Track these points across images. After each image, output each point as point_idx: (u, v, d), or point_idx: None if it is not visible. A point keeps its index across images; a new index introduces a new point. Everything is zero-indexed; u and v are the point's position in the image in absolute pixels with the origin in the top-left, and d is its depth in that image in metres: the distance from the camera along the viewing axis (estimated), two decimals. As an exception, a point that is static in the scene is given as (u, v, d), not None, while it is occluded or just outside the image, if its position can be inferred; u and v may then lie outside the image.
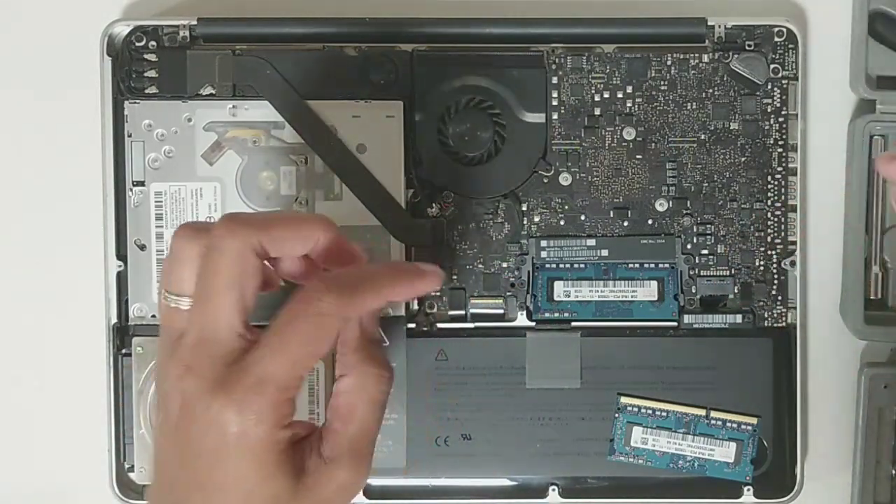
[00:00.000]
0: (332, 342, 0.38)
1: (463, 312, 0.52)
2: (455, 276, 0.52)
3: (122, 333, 0.52)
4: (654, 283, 0.52)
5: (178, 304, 0.39)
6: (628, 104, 0.52)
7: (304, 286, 0.38)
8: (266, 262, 0.39)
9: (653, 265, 0.52)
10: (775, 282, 0.52)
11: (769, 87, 0.52)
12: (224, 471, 0.37)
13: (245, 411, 0.37)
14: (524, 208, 0.52)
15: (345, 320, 0.38)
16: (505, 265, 0.52)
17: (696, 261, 0.52)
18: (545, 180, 0.52)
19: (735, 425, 0.52)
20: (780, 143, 0.52)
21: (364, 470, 0.39)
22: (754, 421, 0.52)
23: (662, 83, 0.52)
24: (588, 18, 0.52)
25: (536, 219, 0.52)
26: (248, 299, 0.38)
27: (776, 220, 0.52)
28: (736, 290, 0.52)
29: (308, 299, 0.37)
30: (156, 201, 0.51)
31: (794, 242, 0.52)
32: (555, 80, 0.52)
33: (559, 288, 0.52)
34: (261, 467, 0.37)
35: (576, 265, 0.52)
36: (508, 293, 0.52)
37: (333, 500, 0.39)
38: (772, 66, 0.51)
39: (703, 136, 0.52)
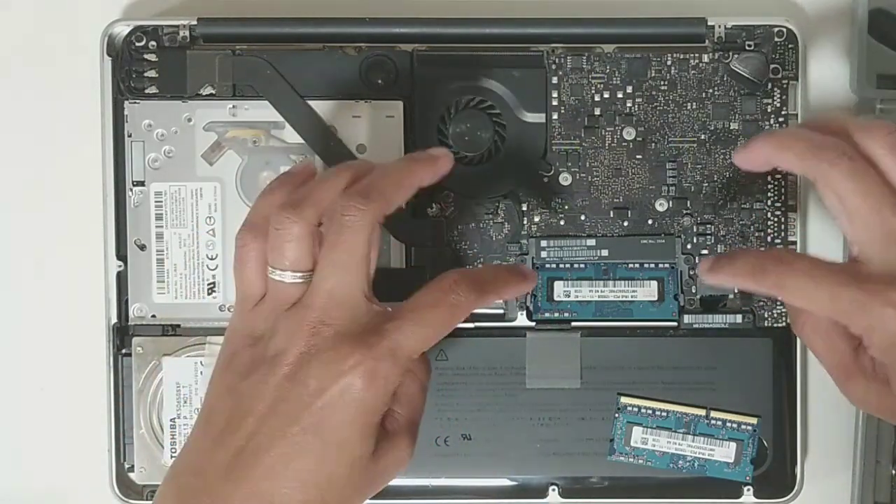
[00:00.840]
0: (453, 328, 0.42)
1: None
2: (455, 276, 0.52)
3: (122, 333, 0.52)
4: (654, 283, 0.52)
5: (293, 280, 0.42)
6: (628, 104, 0.52)
7: (444, 275, 0.42)
8: None
9: (653, 265, 0.52)
10: (775, 282, 0.52)
11: (769, 87, 0.52)
12: (332, 420, 0.40)
13: (377, 372, 0.40)
14: (524, 208, 0.52)
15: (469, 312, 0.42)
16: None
17: (696, 261, 0.52)
18: (545, 180, 0.52)
19: (735, 425, 0.52)
20: (780, 143, 0.52)
21: (412, 449, 0.43)
22: (754, 421, 0.52)
23: (662, 83, 0.52)
24: (588, 18, 0.52)
25: (536, 219, 0.52)
26: (372, 268, 0.42)
27: (776, 220, 0.52)
28: (736, 290, 0.52)
29: (448, 289, 0.41)
30: (156, 201, 0.51)
31: (794, 242, 0.52)
32: (555, 80, 0.52)
33: (559, 288, 0.52)
34: (364, 428, 0.40)
35: (576, 265, 0.52)
36: (508, 293, 0.52)
37: (388, 471, 0.42)
38: (772, 66, 0.51)
39: (703, 136, 0.52)
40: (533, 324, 0.52)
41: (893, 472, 0.52)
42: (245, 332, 0.43)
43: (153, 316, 0.51)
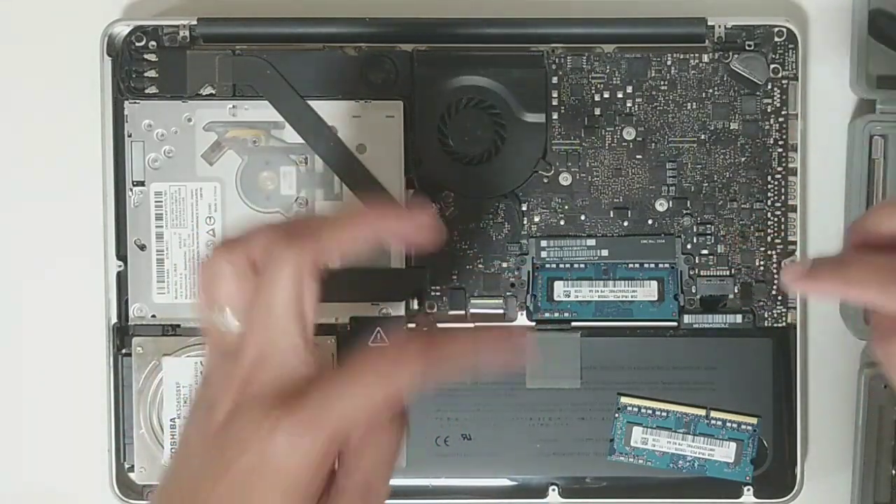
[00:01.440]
0: (396, 400, 0.36)
1: (463, 312, 0.52)
2: (455, 276, 0.52)
3: (122, 333, 0.52)
4: (654, 283, 0.52)
5: (226, 326, 0.37)
6: (628, 104, 0.52)
7: (397, 337, 0.37)
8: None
9: (653, 265, 0.52)
10: (775, 282, 0.52)
11: (769, 87, 0.52)
12: (256, 486, 0.35)
13: (298, 442, 0.34)
14: (524, 208, 0.52)
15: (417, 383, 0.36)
16: (505, 265, 0.52)
17: (696, 261, 0.52)
18: (545, 180, 0.52)
19: (735, 425, 0.52)
20: (780, 143, 0.52)
21: None
22: (754, 421, 0.52)
23: (662, 83, 0.52)
24: (588, 18, 0.52)
25: (536, 219, 0.52)
26: (308, 319, 0.36)
27: (776, 220, 0.52)
28: (736, 290, 0.52)
29: (395, 352, 0.36)
30: (156, 201, 0.51)
31: (794, 242, 0.52)
32: (555, 80, 0.52)
33: (559, 288, 0.52)
34: (292, 501, 0.35)
35: (576, 265, 0.52)
36: (508, 293, 0.52)
37: None
38: (772, 66, 0.51)
39: (703, 136, 0.52)
40: (533, 324, 0.52)
41: (893, 472, 0.52)
42: (204, 373, 0.39)
43: (153, 316, 0.51)
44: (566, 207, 0.52)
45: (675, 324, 0.52)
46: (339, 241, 0.37)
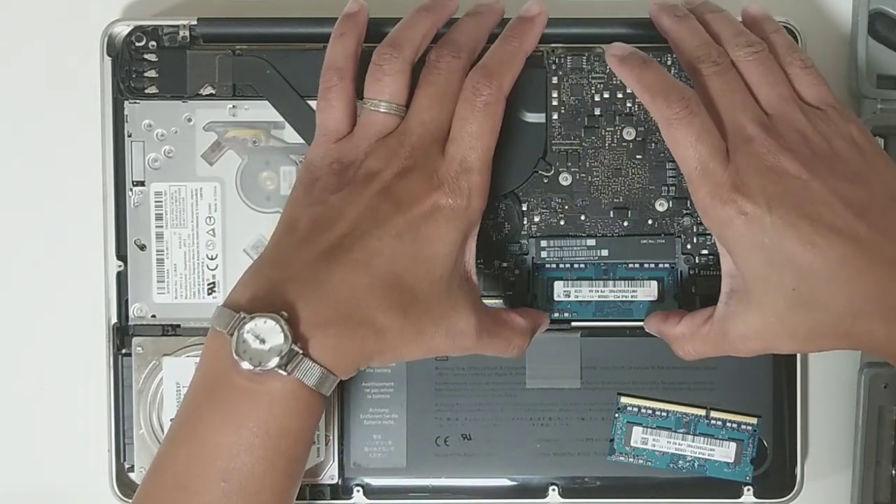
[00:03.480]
0: (500, 123, 0.46)
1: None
2: (455, 276, 0.52)
3: (122, 333, 0.52)
4: (654, 283, 0.52)
5: (388, 111, 0.46)
6: (628, 104, 0.52)
7: (469, 82, 0.46)
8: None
9: (653, 265, 0.52)
10: (775, 282, 0.52)
11: (769, 87, 0.51)
12: (423, 230, 0.43)
13: (458, 186, 0.44)
14: (524, 208, 0.52)
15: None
16: (505, 265, 0.52)
17: (696, 261, 0.52)
18: (545, 180, 0.52)
19: (735, 425, 0.52)
20: (780, 143, 0.52)
21: (481, 344, 0.46)
22: (754, 421, 0.52)
23: (662, 83, 0.52)
24: (588, 18, 0.52)
25: (536, 219, 0.52)
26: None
27: (776, 220, 0.52)
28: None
29: (471, 98, 0.45)
30: (156, 201, 0.51)
31: (794, 242, 0.52)
32: (555, 80, 0.52)
33: (559, 288, 0.52)
34: (453, 245, 0.44)
35: (576, 265, 0.52)
36: (508, 293, 0.52)
37: (456, 333, 0.45)
38: (772, 66, 0.51)
39: (703, 136, 0.52)
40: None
41: (893, 472, 0.52)
42: (330, 159, 0.46)
43: (153, 316, 0.51)
44: (566, 207, 0.52)
45: (675, 324, 0.52)
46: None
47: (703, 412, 0.52)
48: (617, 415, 0.52)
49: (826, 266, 0.42)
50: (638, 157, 0.52)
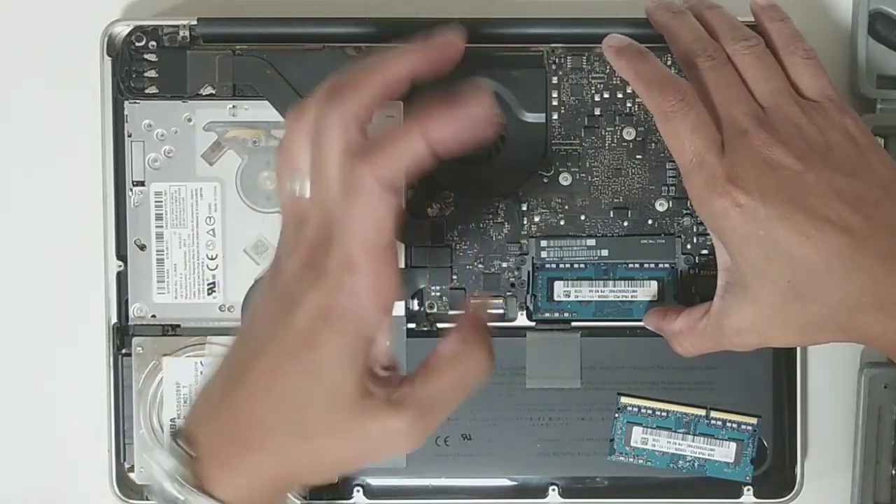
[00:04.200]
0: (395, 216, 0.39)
1: (463, 312, 0.52)
2: (455, 276, 0.52)
3: (122, 333, 0.52)
4: (654, 283, 0.52)
5: (301, 189, 0.41)
6: (628, 104, 0.52)
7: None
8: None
9: (653, 265, 0.52)
10: (775, 282, 0.52)
11: (769, 87, 0.51)
12: (327, 346, 0.38)
13: (337, 290, 0.38)
14: (524, 208, 0.52)
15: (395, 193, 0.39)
16: (505, 265, 0.52)
17: (696, 261, 0.52)
18: (545, 180, 0.52)
19: (735, 425, 0.52)
20: (780, 143, 0.52)
21: (418, 435, 0.39)
22: (754, 421, 0.52)
23: (662, 83, 0.52)
24: (588, 18, 0.52)
25: (536, 219, 0.52)
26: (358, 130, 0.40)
27: (776, 220, 0.52)
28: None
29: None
30: (156, 201, 0.51)
31: (794, 242, 0.52)
32: (555, 80, 0.52)
33: (559, 288, 0.52)
34: (353, 347, 0.39)
35: (576, 265, 0.52)
36: (508, 293, 0.52)
37: (374, 439, 0.39)
38: (772, 66, 0.51)
39: (703, 136, 0.52)
40: (533, 324, 0.52)
41: (893, 472, 0.52)
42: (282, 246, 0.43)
43: (153, 316, 0.51)
44: (566, 207, 0.52)
45: (675, 324, 0.52)
46: (378, 85, 0.40)
47: (703, 412, 0.52)
48: (617, 415, 0.52)
49: (821, 258, 0.42)
50: (638, 157, 0.52)
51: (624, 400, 0.52)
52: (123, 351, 0.52)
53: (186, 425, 0.41)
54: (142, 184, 0.51)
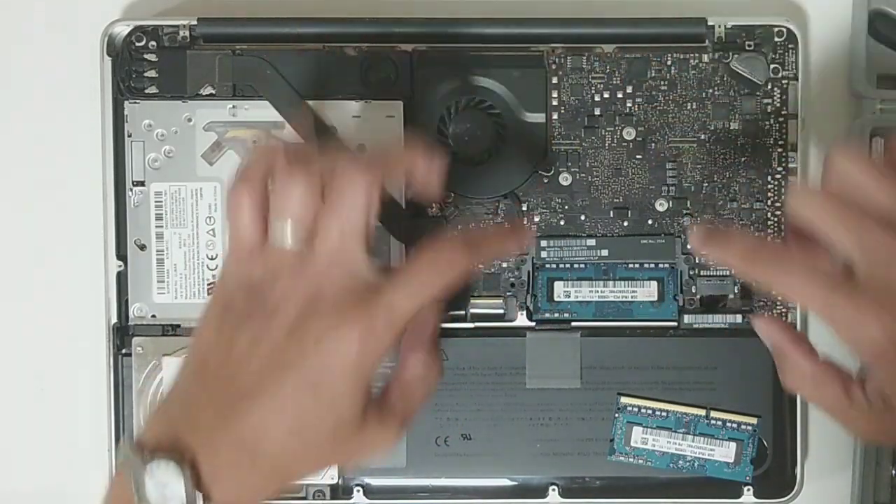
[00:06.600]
0: (447, 288, 0.41)
1: (463, 312, 0.52)
2: (455, 276, 0.52)
3: (122, 333, 0.52)
4: (654, 283, 0.52)
5: (282, 240, 0.41)
6: (628, 104, 0.52)
7: (439, 237, 0.41)
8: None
9: (653, 265, 0.52)
10: (775, 282, 0.52)
11: (769, 87, 0.52)
12: (326, 374, 0.40)
13: (373, 329, 0.40)
14: (524, 208, 0.52)
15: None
16: (505, 265, 0.52)
17: (696, 261, 0.52)
18: (545, 180, 0.52)
19: (735, 425, 0.52)
20: (780, 143, 0.52)
21: (399, 436, 0.43)
22: (754, 421, 0.52)
23: (662, 83, 0.52)
24: (588, 18, 0.52)
25: (536, 219, 0.52)
26: (372, 230, 0.42)
27: (776, 220, 0.52)
28: (736, 290, 0.52)
29: (441, 248, 0.41)
30: (156, 201, 0.51)
31: (794, 242, 0.52)
32: (555, 80, 0.52)
33: (559, 288, 0.52)
34: (355, 386, 0.40)
35: (576, 265, 0.52)
36: (508, 293, 0.52)
37: (369, 447, 0.42)
38: (772, 66, 0.51)
39: (703, 136, 0.52)
40: (533, 324, 0.52)
41: (893, 472, 0.52)
42: (241, 279, 0.42)
43: (153, 316, 0.51)
44: (566, 207, 0.52)
45: (674, 324, 0.52)
46: (399, 170, 0.43)
47: (703, 412, 0.52)
48: (617, 415, 0.52)
49: None
50: (638, 157, 0.52)
51: (624, 400, 0.52)
52: (123, 351, 0.52)
53: (176, 440, 0.41)
54: (142, 184, 0.51)
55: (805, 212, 0.42)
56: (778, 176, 0.52)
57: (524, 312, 0.52)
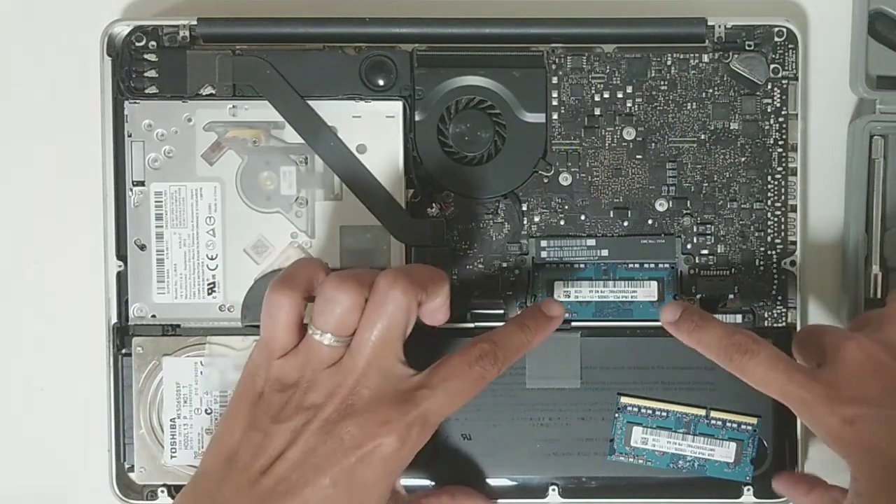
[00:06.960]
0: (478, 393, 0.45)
1: (463, 312, 0.52)
2: (455, 276, 0.52)
3: (122, 333, 0.52)
4: (654, 283, 0.52)
5: (332, 342, 0.44)
6: (628, 104, 0.52)
7: (472, 344, 0.45)
8: None
9: (653, 265, 0.52)
10: (775, 282, 0.52)
11: (769, 87, 0.52)
12: (361, 477, 0.43)
13: (409, 436, 0.43)
14: (524, 208, 0.52)
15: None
16: (505, 265, 0.52)
17: (696, 261, 0.52)
18: (545, 180, 0.52)
19: (735, 425, 0.52)
20: (780, 143, 0.52)
21: None
22: (754, 421, 0.52)
23: (662, 83, 0.52)
24: (588, 18, 0.52)
25: (536, 219, 0.52)
26: (406, 335, 0.45)
27: (776, 220, 0.52)
28: (736, 290, 0.52)
29: (474, 361, 0.45)
30: (156, 201, 0.51)
31: (794, 242, 0.52)
32: (555, 80, 0.52)
33: (559, 288, 0.52)
34: (387, 488, 0.44)
35: (576, 265, 0.52)
36: (508, 293, 0.52)
37: None
38: (772, 66, 0.51)
39: (703, 136, 0.52)
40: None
41: (893, 472, 0.52)
42: (274, 376, 0.45)
43: (153, 316, 0.51)
44: (566, 207, 0.52)
45: (675, 324, 0.52)
46: (438, 288, 0.46)
47: (703, 412, 0.52)
48: (617, 415, 0.52)
49: None
50: (638, 157, 0.52)
51: (624, 400, 0.52)
52: (123, 351, 0.52)
53: None
54: (142, 184, 0.51)
55: None
56: (778, 176, 0.52)
57: (524, 312, 0.52)
